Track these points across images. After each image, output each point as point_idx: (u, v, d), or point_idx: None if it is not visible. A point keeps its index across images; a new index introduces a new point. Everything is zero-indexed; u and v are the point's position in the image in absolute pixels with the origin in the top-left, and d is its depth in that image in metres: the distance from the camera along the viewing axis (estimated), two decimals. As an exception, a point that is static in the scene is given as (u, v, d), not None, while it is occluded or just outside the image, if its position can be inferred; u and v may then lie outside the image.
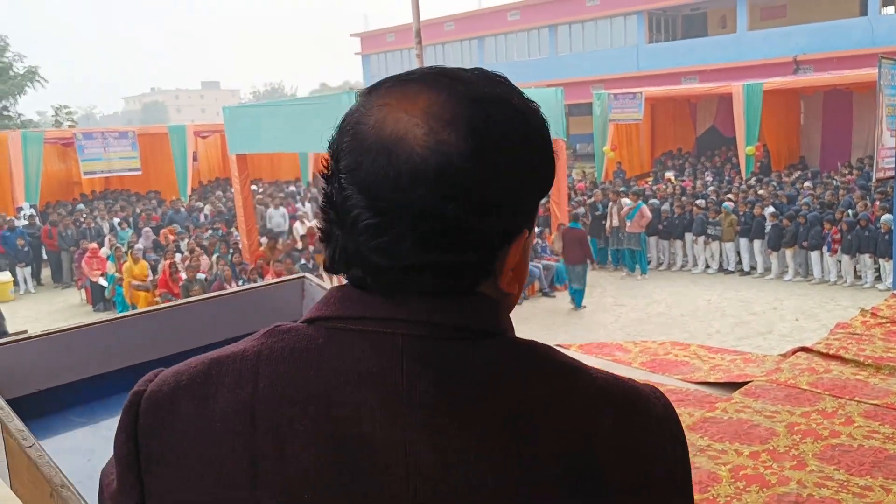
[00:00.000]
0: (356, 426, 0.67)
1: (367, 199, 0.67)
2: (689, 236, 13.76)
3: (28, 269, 15.86)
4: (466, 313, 0.71)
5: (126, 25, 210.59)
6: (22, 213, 17.49)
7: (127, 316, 1.74)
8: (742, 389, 3.72)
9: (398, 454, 0.67)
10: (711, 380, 3.95)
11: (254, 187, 18.17)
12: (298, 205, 19.22)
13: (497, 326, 0.73)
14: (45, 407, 1.52)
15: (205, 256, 13.20)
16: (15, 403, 1.35)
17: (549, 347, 0.75)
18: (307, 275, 1.98)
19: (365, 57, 39.05)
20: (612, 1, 29.47)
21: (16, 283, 15.37)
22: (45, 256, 16.50)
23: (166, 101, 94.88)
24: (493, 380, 0.69)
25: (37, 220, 16.96)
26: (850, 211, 12.31)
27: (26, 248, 15.70)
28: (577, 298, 11.64)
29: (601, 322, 10.75)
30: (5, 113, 22.63)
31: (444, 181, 0.65)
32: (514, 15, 32.60)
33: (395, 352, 0.69)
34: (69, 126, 23.66)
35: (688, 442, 0.75)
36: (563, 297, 12.43)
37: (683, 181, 18.55)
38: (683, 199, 14.53)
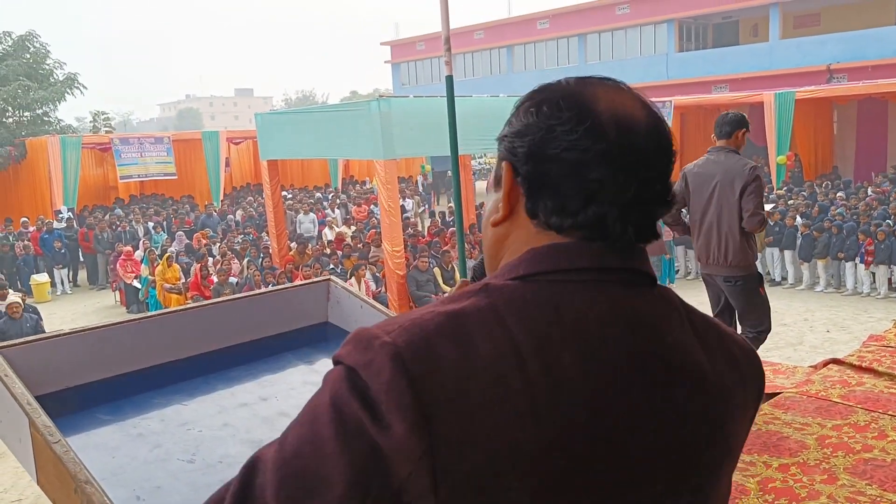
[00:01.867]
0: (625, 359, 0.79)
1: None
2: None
3: (65, 271, 16.21)
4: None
5: (162, 33, 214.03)
6: (60, 216, 17.87)
7: (155, 315, 1.75)
8: (771, 401, 3.69)
9: (684, 376, 0.83)
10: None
11: (284, 193, 18.36)
12: (328, 210, 19.39)
13: None
14: (73, 404, 1.53)
15: (236, 260, 13.39)
16: (43, 400, 1.37)
17: None
18: (332, 277, 2.01)
19: (395, 65, 39.27)
20: (642, 9, 29.36)
21: (53, 284, 15.72)
22: (81, 259, 16.84)
23: (201, 108, 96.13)
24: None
25: (74, 223, 17.31)
26: (887, 221, 12.14)
27: (63, 251, 16.04)
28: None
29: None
30: (46, 119, 23.10)
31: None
32: (544, 24, 32.61)
33: (635, 294, 0.84)
34: (106, 132, 24.16)
35: None
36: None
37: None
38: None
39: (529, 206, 0.85)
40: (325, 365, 1.76)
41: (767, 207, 13.87)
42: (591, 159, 0.81)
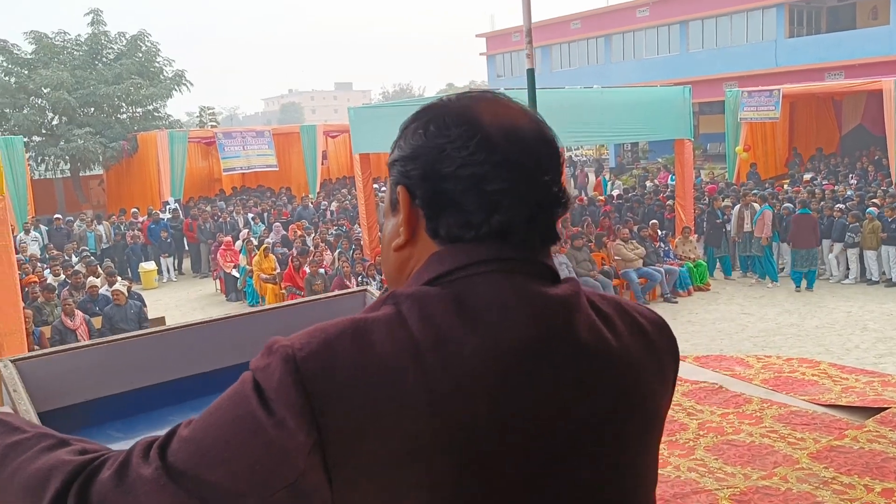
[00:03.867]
0: (525, 351, 0.80)
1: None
2: (826, 243, 12.85)
3: (171, 260, 17.01)
4: None
5: (267, 28, 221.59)
6: (167, 207, 18.76)
7: (177, 328, 1.66)
8: (877, 417, 3.36)
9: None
10: (842, 403, 3.62)
11: (376, 186, 18.63)
12: (420, 203, 19.51)
13: None
14: (85, 419, 1.47)
15: (328, 252, 13.66)
16: (54, 415, 1.33)
17: None
18: (369, 288, 1.94)
19: (490, 57, 39.10)
20: (749, -6, 28.02)
21: (160, 272, 16.53)
22: (186, 248, 17.63)
23: (302, 103, 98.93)
24: None
25: (180, 213, 18.14)
26: None
27: (169, 240, 16.83)
28: (797, 279, 12.17)
29: (726, 331, 10.23)
30: (156, 114, 24.32)
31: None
32: (644, 11, 31.62)
33: (527, 287, 0.84)
34: (211, 126, 25.19)
35: (810, 472, 0.85)
36: (685, 303, 11.95)
37: (824, 184, 17.38)
38: (822, 203, 13.59)
39: (431, 227, 0.87)
40: None
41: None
42: (487, 172, 0.83)
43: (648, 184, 21.19)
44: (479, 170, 0.83)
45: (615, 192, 19.98)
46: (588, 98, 12.72)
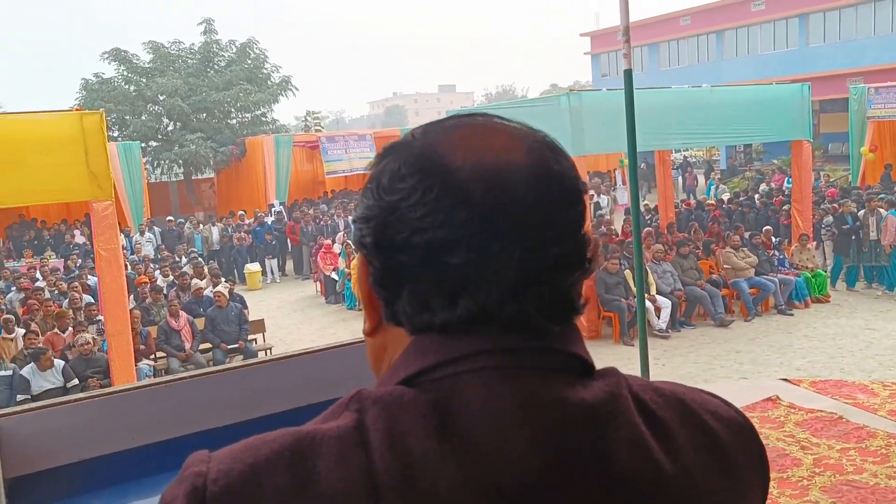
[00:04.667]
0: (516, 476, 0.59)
1: None
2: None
3: (275, 261, 17.47)
4: None
5: (372, 31, 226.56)
6: (272, 209, 19.31)
7: (183, 378, 1.45)
8: None
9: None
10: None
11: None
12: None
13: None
14: (68, 486, 1.27)
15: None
16: (31, 481, 1.15)
17: None
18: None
19: (594, 56, 38.35)
20: (878, -18, 26.16)
21: (263, 273, 17.01)
22: (289, 249, 18.07)
23: (406, 105, 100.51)
24: None
25: (284, 216, 18.62)
26: None
27: (273, 242, 17.29)
28: None
29: (847, 348, 9.43)
30: (263, 119, 25.14)
31: None
32: (759, 5, 30.09)
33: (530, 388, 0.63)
34: (316, 130, 25.81)
35: None
36: (801, 315, 11.14)
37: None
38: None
39: (388, 312, 0.67)
40: None
41: None
42: (448, 237, 0.62)
43: (763, 187, 20.10)
44: (436, 235, 0.61)
45: (724, 197, 19.05)
46: (694, 98, 12.09)
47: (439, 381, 0.62)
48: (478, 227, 0.61)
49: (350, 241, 15.28)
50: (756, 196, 17.54)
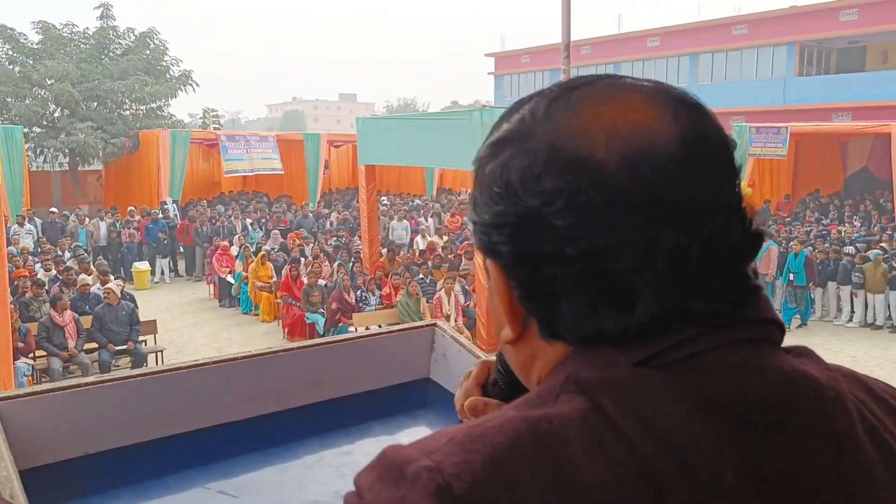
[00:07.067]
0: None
1: None
2: (831, 285, 12.70)
3: (166, 261, 16.74)
4: None
5: (274, 37, 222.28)
6: (165, 207, 18.52)
7: (207, 363, 1.29)
8: None
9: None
10: None
11: (381, 199, 18.45)
12: (421, 219, 19.32)
13: None
14: (80, 482, 1.12)
15: (327, 263, 13.43)
16: (43, 473, 1.03)
17: None
18: (439, 322, 1.56)
19: (498, 77, 39.13)
20: (760, 31, 28.09)
21: (153, 272, 16.25)
22: (181, 249, 17.37)
23: (305, 111, 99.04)
24: None
25: (175, 214, 17.90)
26: None
27: (166, 241, 16.58)
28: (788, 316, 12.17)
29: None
30: (159, 113, 24.12)
31: None
32: (655, 41, 31.70)
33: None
34: (215, 128, 25.00)
35: None
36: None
37: (829, 225, 17.26)
38: (827, 244, 13.44)
39: (545, 328, 0.58)
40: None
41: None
42: (609, 245, 0.53)
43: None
44: (596, 243, 0.53)
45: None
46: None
47: (673, 362, 0.54)
48: (642, 226, 0.52)
49: (248, 245, 14.88)
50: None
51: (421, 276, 11.81)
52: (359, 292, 11.21)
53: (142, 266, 15.92)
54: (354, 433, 1.32)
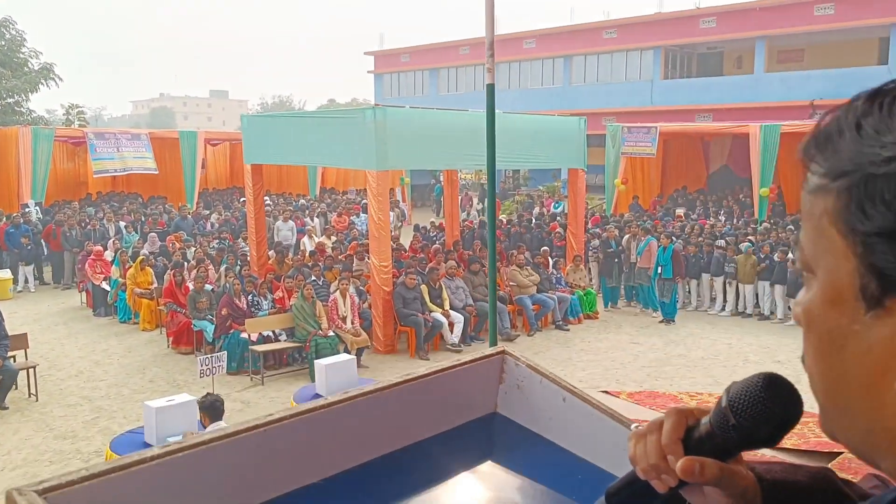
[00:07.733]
0: None
1: None
2: (705, 276, 13.50)
3: (30, 268, 15.53)
4: None
5: (139, 29, 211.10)
6: (26, 209, 17.17)
7: (286, 418, 1.07)
8: (835, 463, 3.27)
9: None
10: (788, 446, 3.53)
11: (265, 199, 17.91)
12: (307, 219, 18.94)
13: None
14: None
15: (212, 267, 12.89)
16: None
17: None
18: (507, 349, 1.39)
19: (378, 76, 38.96)
20: (628, 35, 29.49)
21: (16, 281, 15.02)
22: (45, 255, 16.15)
23: (174, 108, 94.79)
24: None
25: (34, 217, 16.63)
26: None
27: (30, 247, 15.37)
28: (664, 310, 12.71)
29: (619, 360, 10.44)
30: (17, 108, 22.36)
31: None
32: (530, 43, 32.58)
33: None
34: (80, 125, 23.43)
35: None
36: (576, 331, 12.14)
37: (698, 219, 18.35)
38: (701, 238, 14.29)
39: None
40: (486, 485, 1.19)
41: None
42: None
43: (536, 210, 21.68)
44: None
45: (503, 218, 20.26)
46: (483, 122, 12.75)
47: None
48: None
49: (124, 249, 14.04)
50: (530, 218, 18.82)
51: (313, 277, 11.56)
52: (250, 297, 10.82)
53: (3, 274, 14.69)
54: (427, 480, 1.20)
